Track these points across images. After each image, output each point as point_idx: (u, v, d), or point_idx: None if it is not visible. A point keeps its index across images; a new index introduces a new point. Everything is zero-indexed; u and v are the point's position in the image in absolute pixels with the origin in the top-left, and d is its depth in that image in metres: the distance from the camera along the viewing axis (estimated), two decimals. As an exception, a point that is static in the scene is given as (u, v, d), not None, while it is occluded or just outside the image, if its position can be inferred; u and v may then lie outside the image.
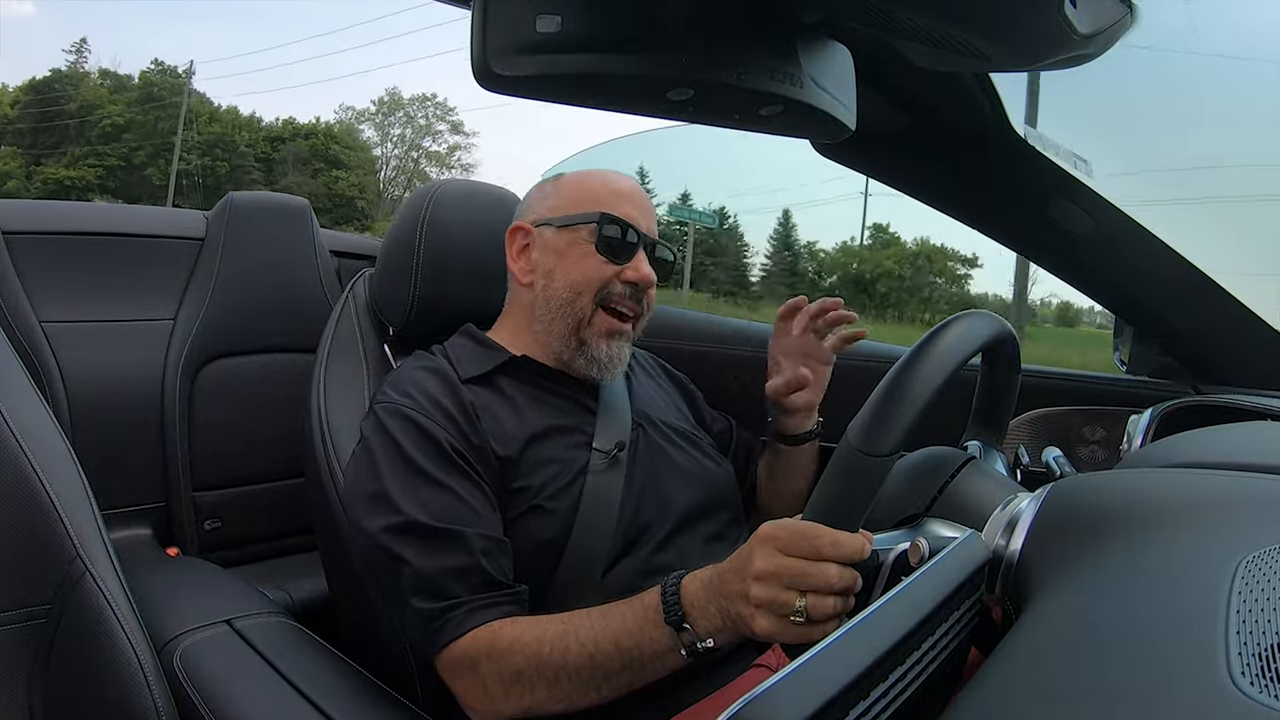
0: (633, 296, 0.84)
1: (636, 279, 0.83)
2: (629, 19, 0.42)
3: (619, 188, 0.86)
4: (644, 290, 0.84)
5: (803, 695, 0.31)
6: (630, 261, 0.83)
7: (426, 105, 23.94)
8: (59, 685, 0.61)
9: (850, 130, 0.53)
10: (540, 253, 0.85)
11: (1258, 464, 0.46)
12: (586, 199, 0.85)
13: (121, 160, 22.44)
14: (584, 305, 0.83)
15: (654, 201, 0.91)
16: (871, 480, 0.49)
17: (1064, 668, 0.32)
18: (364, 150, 23.50)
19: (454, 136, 23.49)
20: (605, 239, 0.82)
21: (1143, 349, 1.07)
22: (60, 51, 24.40)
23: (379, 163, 23.48)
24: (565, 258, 0.83)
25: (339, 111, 24.46)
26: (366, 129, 23.93)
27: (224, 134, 23.18)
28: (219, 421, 1.29)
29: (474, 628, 0.67)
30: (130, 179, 22.36)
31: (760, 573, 0.55)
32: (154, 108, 23.00)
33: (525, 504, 0.75)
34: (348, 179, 21.25)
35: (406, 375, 0.80)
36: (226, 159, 22.87)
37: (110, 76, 23.96)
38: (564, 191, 0.87)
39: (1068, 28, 0.40)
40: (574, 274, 0.83)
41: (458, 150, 23.51)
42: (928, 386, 0.49)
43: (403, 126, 23.68)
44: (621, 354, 0.85)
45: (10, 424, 0.62)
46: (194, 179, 21.80)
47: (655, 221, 0.88)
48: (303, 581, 1.22)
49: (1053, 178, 0.89)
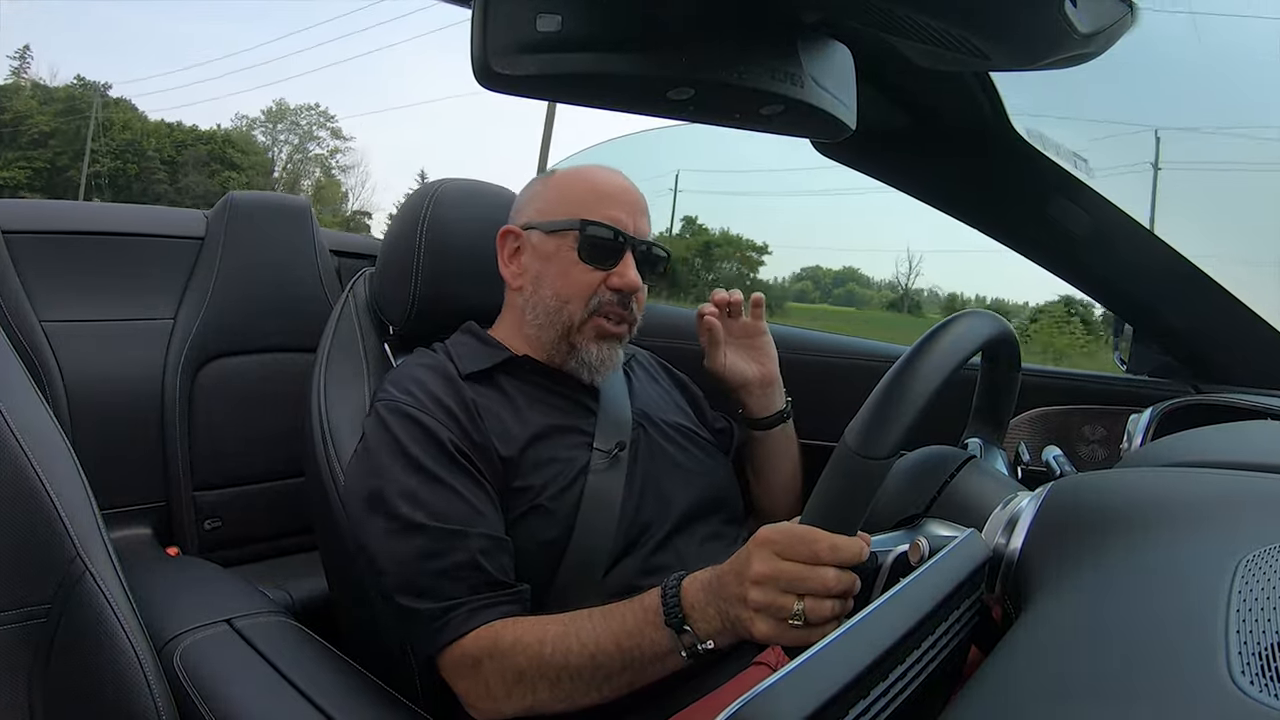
0: (620, 303, 0.82)
1: (622, 286, 0.82)
2: (629, 18, 0.42)
3: (603, 188, 0.84)
4: (631, 296, 0.83)
5: (803, 694, 0.31)
6: (616, 267, 0.82)
7: (310, 113, 28.74)
8: (59, 685, 0.61)
9: (851, 129, 0.53)
10: (529, 257, 0.85)
11: (1258, 463, 0.46)
12: (571, 202, 0.83)
13: (47, 164, 26.06)
14: (572, 313, 0.82)
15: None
16: (870, 483, 0.49)
17: (1064, 667, 0.32)
18: (259, 154, 27.88)
19: (334, 141, 28.43)
20: (588, 247, 0.81)
21: (1143, 348, 1.07)
22: (5, 58, 28.28)
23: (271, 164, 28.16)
24: (551, 264, 0.83)
25: (235, 120, 28.88)
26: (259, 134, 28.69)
27: (134, 140, 27.11)
28: (219, 421, 1.29)
29: (476, 627, 0.67)
30: (55, 180, 26.07)
31: (758, 576, 0.55)
32: (76, 118, 26.61)
33: (526, 504, 0.75)
34: (239, 179, 25.46)
35: (408, 372, 0.80)
36: (136, 162, 26.79)
37: (40, 90, 27.67)
38: (550, 193, 0.86)
39: (1068, 27, 0.40)
40: (560, 283, 0.82)
41: (337, 153, 28.38)
42: (926, 388, 0.49)
43: (289, 132, 28.53)
44: (613, 356, 0.84)
45: (10, 424, 0.62)
46: (103, 179, 25.91)
47: (646, 217, 0.86)
48: (303, 581, 1.21)
49: (1053, 177, 0.89)
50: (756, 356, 0.93)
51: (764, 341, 0.93)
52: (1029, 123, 0.83)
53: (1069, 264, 0.98)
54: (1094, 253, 0.94)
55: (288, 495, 1.35)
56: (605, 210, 0.82)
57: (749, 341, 0.93)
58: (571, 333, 0.82)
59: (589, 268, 0.81)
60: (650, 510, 0.79)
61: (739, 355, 0.92)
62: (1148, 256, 0.93)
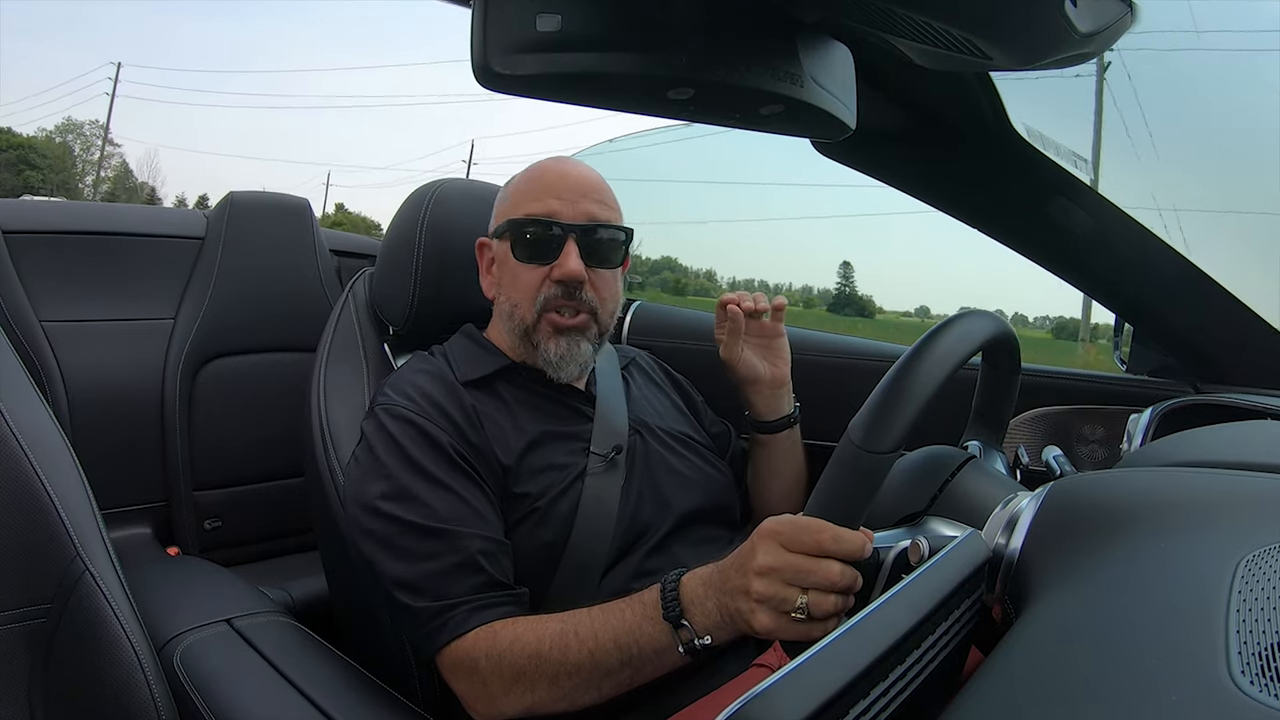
0: (567, 294, 0.80)
1: (562, 276, 0.79)
2: (630, 18, 0.42)
3: (540, 180, 0.82)
4: (579, 285, 0.80)
5: (803, 694, 0.31)
6: (557, 259, 0.79)
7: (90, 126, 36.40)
8: (59, 684, 0.61)
9: (850, 129, 0.53)
10: (496, 266, 0.85)
11: (1258, 463, 0.46)
12: (510, 203, 0.83)
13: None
14: (524, 315, 0.81)
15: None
16: (872, 477, 0.49)
17: (1064, 666, 0.32)
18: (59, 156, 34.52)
19: (109, 148, 36.23)
20: (523, 244, 0.80)
21: (1143, 348, 1.07)
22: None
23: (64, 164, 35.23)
24: (504, 270, 0.83)
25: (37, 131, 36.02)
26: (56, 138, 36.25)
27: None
28: (219, 421, 1.30)
29: (474, 628, 0.67)
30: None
31: (762, 568, 0.55)
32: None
33: (525, 509, 0.75)
34: (37, 176, 31.77)
35: (407, 378, 0.80)
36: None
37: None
38: (502, 198, 0.86)
39: (1068, 27, 0.39)
40: (510, 287, 0.82)
41: (111, 157, 36.20)
42: (928, 384, 0.49)
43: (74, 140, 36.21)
44: (574, 350, 0.81)
45: (10, 424, 0.62)
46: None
47: (597, 200, 0.82)
48: (303, 581, 1.22)
49: (1053, 177, 0.89)
50: (771, 357, 0.92)
51: (780, 344, 0.93)
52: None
53: (1069, 264, 0.98)
54: (1094, 253, 0.94)
55: (288, 495, 1.35)
56: (538, 202, 0.80)
57: (766, 342, 0.93)
58: (530, 333, 0.82)
59: (530, 266, 0.80)
60: (648, 514, 0.79)
61: (754, 352, 0.92)
62: (1148, 256, 0.92)
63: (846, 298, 21.77)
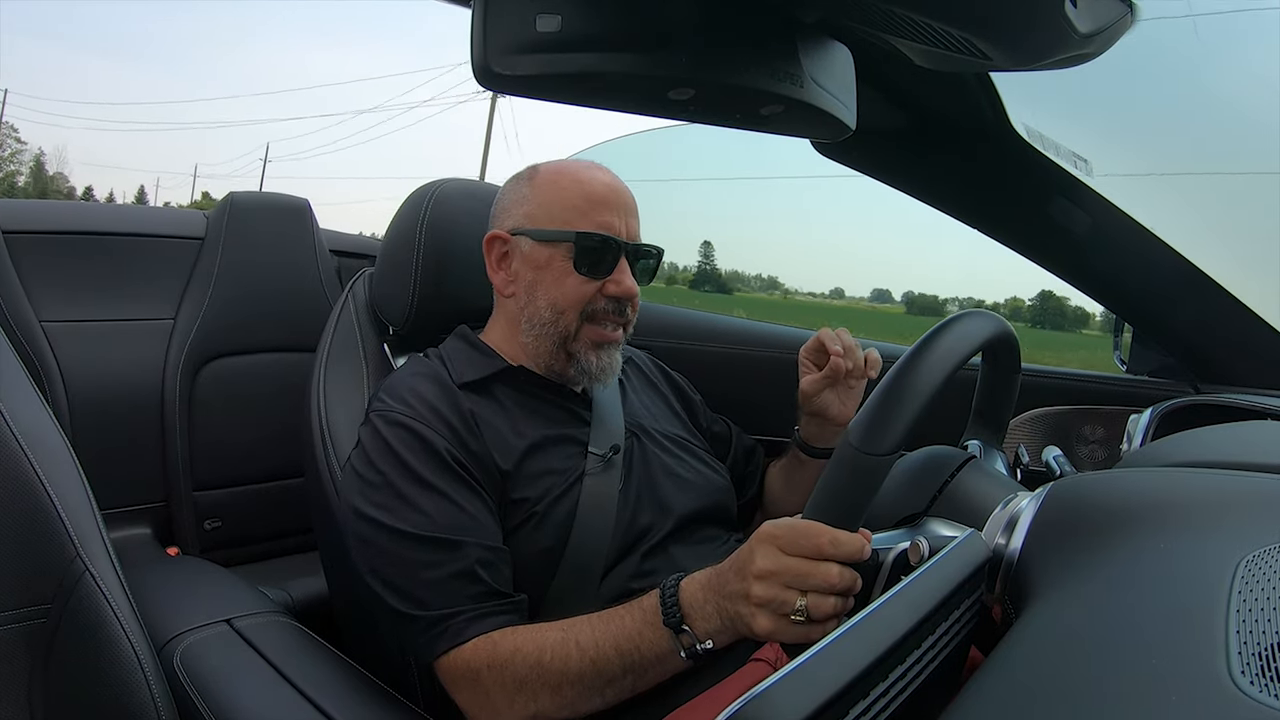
0: (616, 310, 0.82)
1: (619, 293, 0.81)
2: (630, 18, 0.42)
3: (595, 193, 0.82)
4: (628, 301, 0.82)
5: (803, 694, 0.31)
6: (612, 274, 0.80)
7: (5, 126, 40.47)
8: (59, 685, 0.61)
9: (850, 129, 0.53)
10: (519, 264, 0.83)
11: (1258, 463, 0.46)
12: (563, 209, 0.81)
13: None
14: (568, 323, 0.81)
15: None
16: (871, 479, 0.49)
17: (1064, 667, 0.32)
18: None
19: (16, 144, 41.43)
20: (584, 259, 0.80)
21: (1143, 348, 1.07)
22: None
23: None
24: (544, 273, 0.81)
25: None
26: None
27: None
28: (219, 421, 1.30)
29: (473, 637, 0.66)
30: None
31: (761, 571, 0.55)
32: None
33: (524, 514, 0.75)
34: None
35: (403, 382, 0.79)
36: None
37: None
38: (538, 196, 0.83)
39: (1068, 27, 0.40)
40: (554, 293, 0.81)
41: (20, 154, 41.56)
42: (928, 386, 0.49)
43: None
44: (613, 362, 0.83)
45: (10, 424, 0.62)
46: None
47: (636, 217, 0.84)
48: (303, 581, 1.22)
49: (1053, 177, 0.89)
50: (846, 398, 0.91)
51: (860, 388, 0.92)
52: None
53: (1069, 264, 0.98)
54: (1094, 253, 0.94)
55: (288, 495, 1.35)
56: (598, 217, 0.81)
57: (847, 383, 0.91)
58: (568, 341, 0.81)
59: (585, 278, 0.80)
60: (646, 515, 0.79)
61: (833, 391, 0.91)
62: (1148, 257, 0.92)
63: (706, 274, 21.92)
